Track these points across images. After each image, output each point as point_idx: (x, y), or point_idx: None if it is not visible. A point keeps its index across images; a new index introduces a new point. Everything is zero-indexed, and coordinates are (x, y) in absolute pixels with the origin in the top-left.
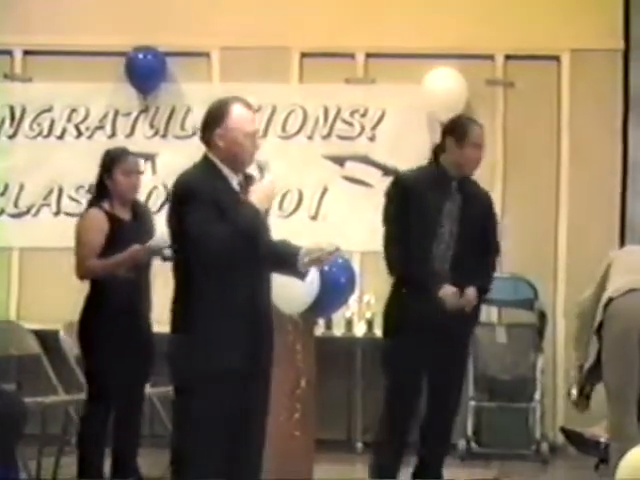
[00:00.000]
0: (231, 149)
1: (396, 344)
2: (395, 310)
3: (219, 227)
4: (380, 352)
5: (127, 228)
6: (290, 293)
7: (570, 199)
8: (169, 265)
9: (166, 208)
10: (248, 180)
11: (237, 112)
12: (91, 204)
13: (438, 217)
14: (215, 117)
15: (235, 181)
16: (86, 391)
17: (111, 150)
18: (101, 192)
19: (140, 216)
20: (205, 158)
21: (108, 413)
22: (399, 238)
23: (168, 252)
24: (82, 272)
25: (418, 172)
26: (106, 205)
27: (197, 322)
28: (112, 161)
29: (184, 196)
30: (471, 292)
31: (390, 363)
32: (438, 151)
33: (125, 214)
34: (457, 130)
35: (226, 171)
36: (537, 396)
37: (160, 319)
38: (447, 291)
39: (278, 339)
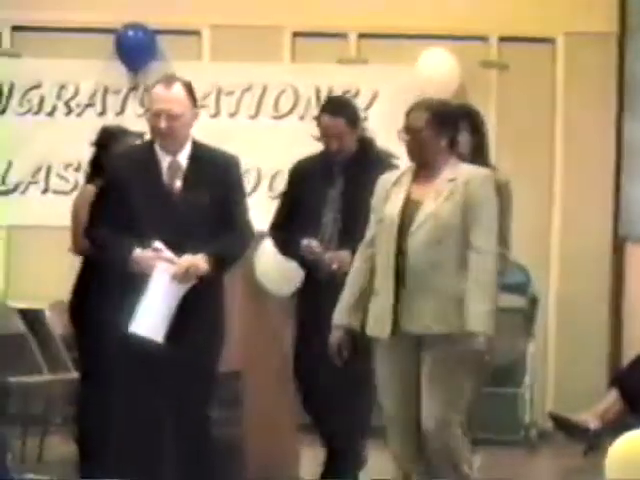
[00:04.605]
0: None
1: None
2: None
3: None
4: None
5: None
6: (281, 275)
7: (564, 182)
8: None
9: None
10: None
11: (153, 91)
12: (88, 181)
13: None
14: None
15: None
16: (81, 369)
17: (108, 127)
18: (97, 169)
19: None
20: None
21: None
22: None
23: None
24: (78, 248)
25: None
26: (101, 182)
27: None
28: (109, 139)
29: None
30: None
31: None
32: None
33: None
34: None
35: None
36: (527, 382)
37: None
38: None
39: (266, 323)
